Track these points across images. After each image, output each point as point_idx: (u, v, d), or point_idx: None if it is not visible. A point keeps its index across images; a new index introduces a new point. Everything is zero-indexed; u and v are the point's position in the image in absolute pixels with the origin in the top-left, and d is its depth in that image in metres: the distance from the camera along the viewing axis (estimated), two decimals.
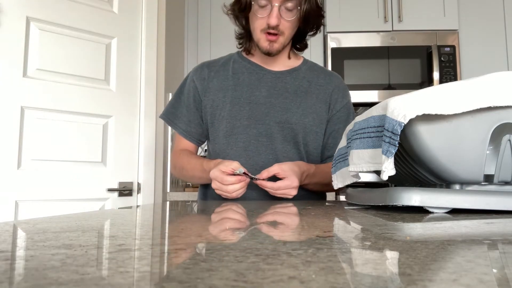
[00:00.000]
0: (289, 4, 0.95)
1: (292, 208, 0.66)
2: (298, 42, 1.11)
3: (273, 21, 0.95)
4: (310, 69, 1.13)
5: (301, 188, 1.00)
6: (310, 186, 1.03)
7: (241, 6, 0.98)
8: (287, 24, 0.98)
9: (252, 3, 0.97)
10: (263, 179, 0.91)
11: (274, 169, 0.91)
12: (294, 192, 0.91)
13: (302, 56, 1.17)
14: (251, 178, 0.90)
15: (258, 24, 0.98)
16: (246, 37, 1.09)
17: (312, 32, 1.09)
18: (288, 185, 0.90)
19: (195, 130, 1.11)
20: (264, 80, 1.07)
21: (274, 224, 0.42)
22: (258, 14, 0.97)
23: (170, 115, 1.13)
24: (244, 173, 0.88)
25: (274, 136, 1.03)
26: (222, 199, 1.00)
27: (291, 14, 0.97)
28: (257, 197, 1.03)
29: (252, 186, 0.98)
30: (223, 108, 1.05)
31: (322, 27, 1.09)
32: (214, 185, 0.93)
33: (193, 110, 1.09)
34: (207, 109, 1.08)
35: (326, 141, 1.09)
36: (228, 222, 0.45)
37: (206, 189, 1.11)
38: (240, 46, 1.12)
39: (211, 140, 1.10)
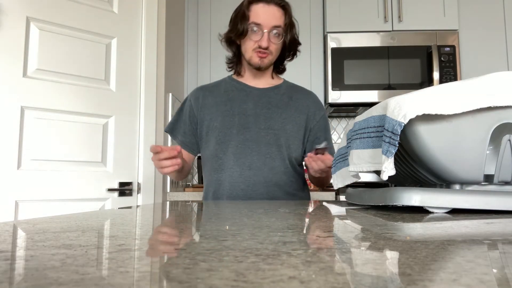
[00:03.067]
0: (275, 31, 1.20)
1: (292, 208, 0.66)
2: (279, 65, 1.33)
3: (264, 44, 1.19)
4: (290, 87, 1.34)
5: (285, 190, 1.22)
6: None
7: (238, 32, 1.21)
8: (275, 46, 1.22)
9: (247, 28, 1.20)
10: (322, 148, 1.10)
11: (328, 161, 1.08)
12: (328, 164, 1.08)
13: (283, 78, 1.38)
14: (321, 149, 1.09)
15: (250, 45, 1.22)
16: (236, 61, 1.32)
17: (289, 58, 1.32)
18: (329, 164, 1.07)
19: (189, 140, 1.31)
20: (251, 95, 1.28)
21: (274, 224, 0.42)
22: (252, 38, 1.20)
23: (171, 128, 1.35)
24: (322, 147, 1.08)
25: (260, 140, 1.22)
26: (222, 199, 1.23)
27: (278, 39, 1.21)
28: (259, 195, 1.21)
29: (256, 185, 1.20)
30: (216, 120, 1.25)
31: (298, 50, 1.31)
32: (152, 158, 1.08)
33: (188, 123, 1.31)
34: (204, 122, 1.28)
35: (311, 147, 1.28)
36: (228, 222, 0.45)
37: (207, 191, 1.30)
38: (230, 69, 1.35)
39: (204, 148, 1.29)
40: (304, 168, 1.30)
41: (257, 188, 1.20)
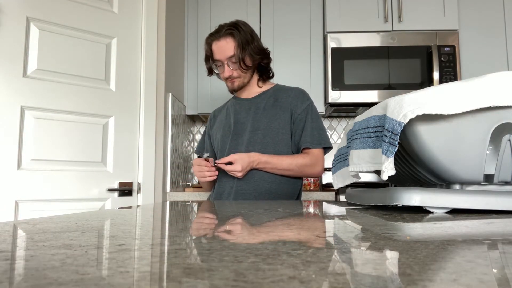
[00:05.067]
0: (233, 59, 1.35)
1: (292, 208, 0.66)
2: (263, 74, 1.46)
3: (226, 74, 1.38)
4: (277, 90, 1.46)
5: (269, 183, 1.34)
6: (268, 170, 1.33)
7: (209, 71, 1.44)
8: (236, 71, 1.37)
9: (212, 67, 1.41)
10: (222, 163, 1.28)
11: (229, 158, 1.28)
12: (239, 174, 1.28)
13: (275, 83, 1.51)
14: (214, 162, 1.29)
15: (221, 76, 1.42)
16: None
17: (267, 66, 1.45)
18: (234, 169, 1.27)
19: (211, 155, 1.52)
20: (243, 106, 1.45)
21: (273, 224, 0.42)
22: (219, 71, 1.41)
23: (198, 149, 1.62)
24: (206, 159, 1.29)
25: (248, 142, 1.37)
26: (224, 198, 1.38)
27: (236, 66, 1.36)
28: (252, 192, 1.34)
29: (243, 182, 1.34)
30: (218, 132, 1.47)
31: (272, 60, 1.47)
32: (194, 169, 1.34)
33: (208, 141, 1.56)
34: (213, 137, 1.51)
35: (294, 138, 1.39)
36: (227, 222, 0.45)
37: (212, 193, 1.47)
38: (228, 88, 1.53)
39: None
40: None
41: (244, 184, 1.34)
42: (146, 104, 1.89)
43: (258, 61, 1.39)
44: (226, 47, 1.34)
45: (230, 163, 1.29)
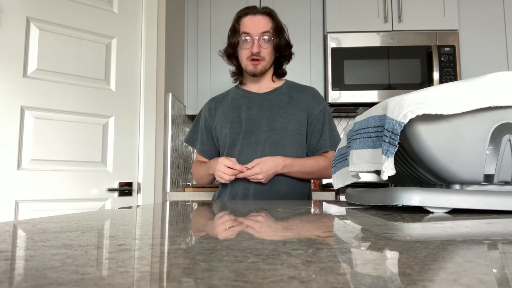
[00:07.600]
0: (265, 37, 1.31)
1: (292, 208, 0.66)
2: (278, 69, 1.43)
3: (255, 49, 1.31)
4: (290, 87, 1.43)
5: (285, 185, 1.31)
6: (293, 174, 1.30)
7: (232, 44, 1.36)
8: (266, 51, 1.33)
9: (239, 40, 1.33)
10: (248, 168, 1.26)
11: (252, 163, 1.25)
12: (260, 177, 1.24)
13: (285, 79, 1.48)
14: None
15: (244, 54, 1.34)
16: (238, 73, 1.44)
17: (286, 61, 1.42)
18: (254, 172, 1.23)
19: (207, 148, 1.47)
20: (255, 101, 1.38)
21: (274, 224, 0.42)
22: (244, 47, 1.33)
23: (191, 139, 1.53)
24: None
25: (265, 142, 1.33)
26: (229, 199, 1.34)
27: (268, 44, 1.33)
28: (257, 192, 1.31)
29: (260, 184, 1.30)
30: (225, 127, 1.38)
31: (292, 56, 1.43)
32: (219, 167, 1.26)
33: (205, 133, 1.46)
34: (217, 130, 1.42)
35: (310, 140, 1.38)
36: (228, 222, 0.45)
37: (219, 192, 1.42)
38: (235, 81, 1.48)
39: (220, 152, 1.46)
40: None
41: (261, 186, 1.30)
42: (146, 104, 1.89)
43: (284, 50, 1.37)
44: (262, 22, 1.32)
45: None
